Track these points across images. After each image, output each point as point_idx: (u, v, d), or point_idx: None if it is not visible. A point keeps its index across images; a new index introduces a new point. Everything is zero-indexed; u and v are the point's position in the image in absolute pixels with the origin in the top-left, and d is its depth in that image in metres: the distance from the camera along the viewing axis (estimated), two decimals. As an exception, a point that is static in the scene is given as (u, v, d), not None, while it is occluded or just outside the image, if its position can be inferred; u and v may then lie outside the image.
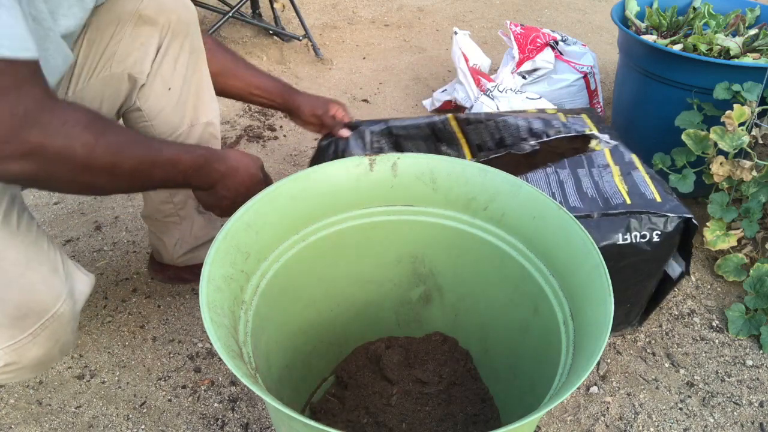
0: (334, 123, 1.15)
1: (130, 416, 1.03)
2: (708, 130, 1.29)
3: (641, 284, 1.09)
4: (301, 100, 1.15)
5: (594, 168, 1.11)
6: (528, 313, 0.83)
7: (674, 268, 1.10)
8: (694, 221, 1.02)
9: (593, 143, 1.18)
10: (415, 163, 0.86)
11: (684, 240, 1.05)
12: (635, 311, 1.16)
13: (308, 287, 0.88)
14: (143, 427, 1.01)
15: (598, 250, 0.70)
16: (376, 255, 0.92)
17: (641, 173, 1.11)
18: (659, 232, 1.02)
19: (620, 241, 1.00)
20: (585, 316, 0.69)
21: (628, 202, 1.03)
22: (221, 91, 1.11)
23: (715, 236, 1.30)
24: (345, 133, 1.14)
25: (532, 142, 1.13)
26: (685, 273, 1.08)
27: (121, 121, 1.03)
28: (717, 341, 1.20)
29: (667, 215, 1.02)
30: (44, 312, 0.77)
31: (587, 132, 1.17)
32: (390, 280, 0.95)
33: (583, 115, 1.27)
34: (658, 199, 1.04)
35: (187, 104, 1.02)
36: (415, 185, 0.86)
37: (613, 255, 1.01)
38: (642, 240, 1.02)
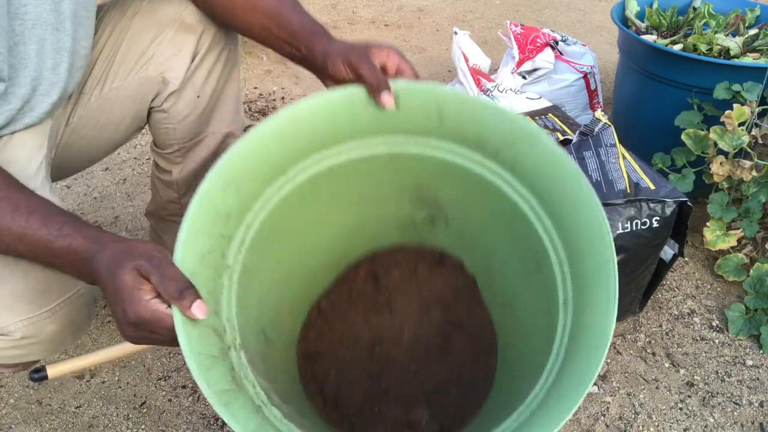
0: (378, 79, 0.73)
1: (130, 416, 1.03)
2: (708, 130, 1.29)
3: (642, 271, 1.11)
4: (328, 46, 0.79)
5: (601, 148, 1.11)
6: (532, 268, 0.78)
7: (666, 251, 1.12)
8: (689, 203, 1.04)
9: (598, 113, 1.17)
10: (419, 93, 0.75)
11: (677, 223, 1.07)
12: (636, 299, 1.18)
13: (304, 222, 0.83)
14: (143, 427, 1.01)
15: (612, 243, 0.66)
16: (377, 184, 0.85)
17: (628, 160, 1.12)
18: (658, 218, 1.03)
19: (620, 230, 1.02)
20: (585, 316, 0.67)
21: (628, 190, 1.04)
22: (236, 25, 0.91)
23: (715, 236, 1.30)
24: (389, 101, 0.74)
25: None
26: (679, 255, 1.11)
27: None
28: (717, 341, 1.20)
29: (664, 200, 1.03)
30: (66, 290, 0.78)
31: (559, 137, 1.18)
32: (393, 203, 0.89)
33: (550, 115, 1.29)
34: (652, 187, 1.06)
35: (213, 114, 1.02)
36: (418, 119, 0.77)
37: (617, 245, 1.02)
38: (642, 227, 1.03)
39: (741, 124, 1.26)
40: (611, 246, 0.66)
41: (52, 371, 0.69)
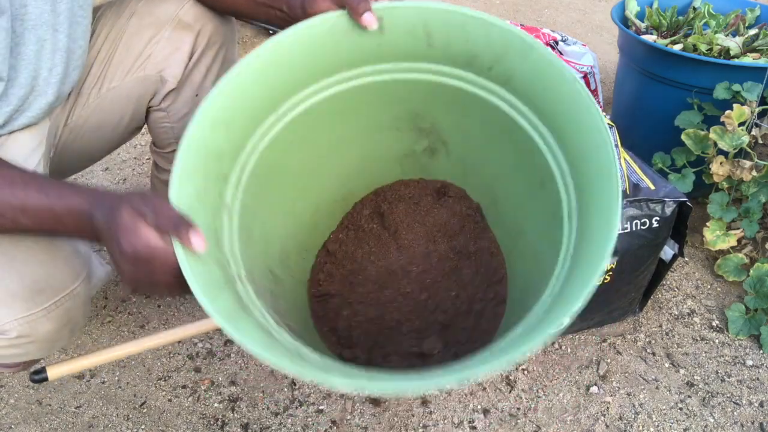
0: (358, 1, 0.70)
1: (130, 416, 1.03)
2: (708, 130, 1.29)
3: (642, 271, 1.11)
4: None
5: None
6: (536, 185, 0.77)
7: (666, 251, 1.12)
8: (689, 203, 1.04)
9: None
10: (404, 14, 0.72)
11: (677, 223, 1.07)
12: (636, 298, 1.18)
13: (302, 161, 0.83)
14: (143, 427, 1.01)
15: (614, 150, 0.65)
16: (372, 116, 0.84)
17: (628, 161, 1.13)
18: (658, 218, 1.03)
19: (620, 230, 1.02)
20: (589, 223, 0.65)
21: (627, 192, 1.04)
22: (225, 5, 0.92)
23: (715, 236, 1.30)
24: (371, 21, 0.70)
25: None
26: (679, 255, 1.11)
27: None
28: (717, 341, 1.20)
29: (664, 200, 1.04)
30: (62, 289, 0.78)
31: None
32: (391, 134, 0.88)
33: None
34: (652, 187, 1.06)
35: None
36: (406, 42, 0.74)
37: (616, 246, 1.02)
38: (642, 228, 1.03)
39: (741, 124, 1.26)
40: (613, 152, 0.63)
41: (52, 372, 0.69)
